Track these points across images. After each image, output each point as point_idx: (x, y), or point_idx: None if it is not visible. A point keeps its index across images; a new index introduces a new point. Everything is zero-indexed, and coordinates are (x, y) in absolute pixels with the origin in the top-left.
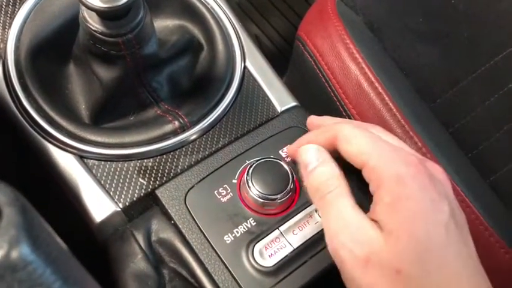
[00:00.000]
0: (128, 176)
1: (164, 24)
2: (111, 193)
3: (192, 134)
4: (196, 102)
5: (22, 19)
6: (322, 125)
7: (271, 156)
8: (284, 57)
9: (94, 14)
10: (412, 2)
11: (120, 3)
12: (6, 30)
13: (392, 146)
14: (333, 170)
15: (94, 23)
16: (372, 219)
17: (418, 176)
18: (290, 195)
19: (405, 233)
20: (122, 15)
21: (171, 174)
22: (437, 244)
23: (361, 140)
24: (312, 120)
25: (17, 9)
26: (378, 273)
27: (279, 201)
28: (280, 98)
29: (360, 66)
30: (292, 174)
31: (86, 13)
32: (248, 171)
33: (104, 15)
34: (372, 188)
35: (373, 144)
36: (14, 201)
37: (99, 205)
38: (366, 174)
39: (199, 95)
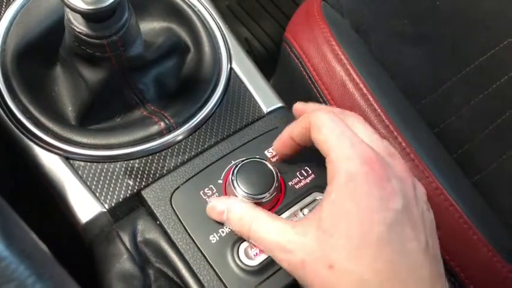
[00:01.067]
0: (114, 177)
1: (151, 26)
2: (97, 194)
3: (178, 135)
4: (182, 104)
5: (8, 22)
6: (305, 111)
7: (257, 157)
8: (274, 59)
9: (79, 16)
10: (397, 4)
11: (104, 5)
12: None
13: (357, 140)
14: (240, 209)
15: (79, 25)
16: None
17: (371, 174)
18: (275, 194)
19: (338, 231)
20: (106, 17)
21: (157, 175)
22: (373, 241)
23: (329, 130)
24: (297, 106)
25: (2, 12)
26: (314, 271)
27: (264, 200)
28: (266, 99)
29: (345, 67)
30: (276, 174)
31: (70, 15)
32: (233, 172)
33: (88, 17)
34: (327, 180)
35: (337, 136)
36: None
37: (85, 206)
38: (326, 165)
39: (186, 96)
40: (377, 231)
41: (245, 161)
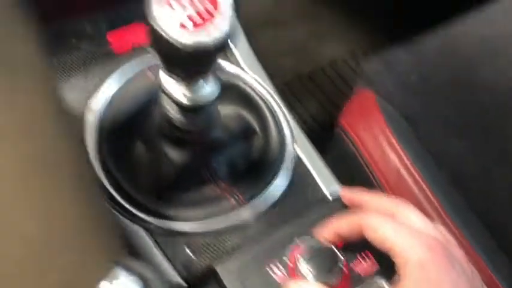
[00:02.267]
0: (187, 250)
1: (224, 111)
2: (175, 264)
3: (247, 211)
4: (251, 182)
5: (102, 104)
6: (353, 200)
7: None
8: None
9: (176, 106)
10: (445, 98)
11: (202, 103)
12: (87, 112)
13: (414, 230)
14: None
15: (175, 114)
16: None
17: (438, 259)
18: (341, 279)
19: None
20: (201, 112)
21: (227, 249)
22: None
23: (386, 229)
24: (345, 194)
25: (97, 95)
26: None
27: (331, 284)
28: (327, 181)
29: (400, 156)
30: (341, 258)
31: (167, 104)
32: (302, 255)
33: (186, 109)
34: (397, 271)
35: (396, 233)
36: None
37: (163, 274)
38: (392, 258)
39: (254, 175)
40: None
41: (313, 244)
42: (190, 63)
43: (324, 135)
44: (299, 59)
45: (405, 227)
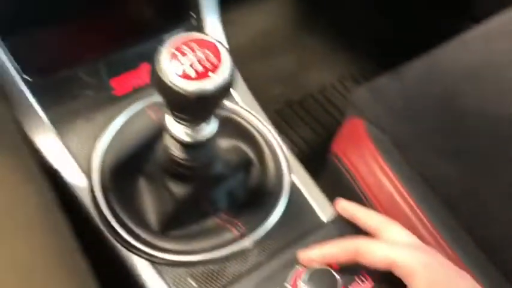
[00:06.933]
0: (193, 280)
1: (221, 144)
2: None
3: (248, 241)
4: (251, 212)
5: (106, 143)
6: (350, 210)
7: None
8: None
9: (178, 144)
10: (434, 122)
11: (204, 138)
12: (92, 152)
13: (406, 243)
14: None
15: (177, 151)
16: None
17: (439, 260)
18: None
19: None
20: (202, 147)
21: (231, 278)
22: None
23: (383, 249)
24: (344, 206)
25: (102, 135)
26: None
27: None
28: (323, 208)
29: (392, 181)
30: (339, 282)
31: (169, 143)
32: (304, 278)
33: (188, 146)
34: (407, 280)
35: (393, 249)
36: None
37: None
38: (397, 272)
39: (253, 205)
40: None
41: (313, 269)
42: (197, 109)
43: (317, 161)
44: (289, 87)
45: (396, 242)
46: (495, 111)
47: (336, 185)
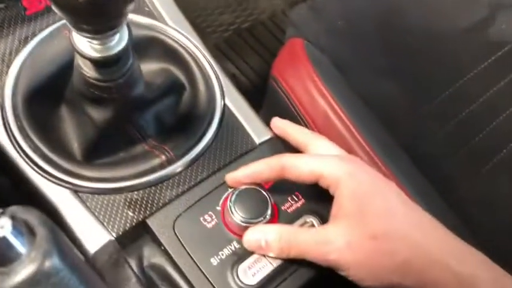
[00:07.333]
0: (120, 207)
1: (149, 67)
2: (105, 223)
3: (177, 166)
4: (181, 138)
5: (18, 67)
6: (281, 128)
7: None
8: (259, 92)
9: (88, 62)
10: (372, 42)
11: (112, 53)
12: (3, 77)
13: (333, 155)
14: (276, 229)
15: (89, 70)
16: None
17: (363, 168)
18: (270, 219)
19: (368, 208)
20: (113, 63)
21: (160, 204)
22: (398, 205)
23: (307, 163)
24: (277, 123)
25: (13, 58)
26: (361, 247)
27: (259, 225)
28: (258, 131)
29: (327, 100)
30: (270, 200)
31: (80, 61)
32: (230, 199)
33: (97, 63)
34: (332, 190)
35: (319, 161)
36: (45, 222)
37: (94, 235)
38: (323, 184)
39: (184, 131)
40: (396, 198)
41: (241, 189)
42: (91, 15)
43: (265, 88)
44: (238, 15)
45: (324, 154)
46: (437, 28)
47: (275, 108)
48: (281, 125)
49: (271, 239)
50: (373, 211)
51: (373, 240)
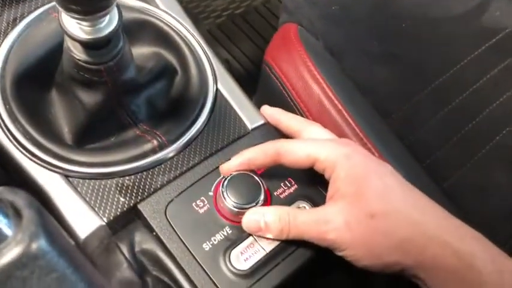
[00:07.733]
0: (111, 192)
1: (141, 51)
2: (96, 209)
3: (169, 152)
4: (173, 123)
5: (6, 49)
6: (274, 116)
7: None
8: (253, 78)
9: (78, 44)
10: (366, 27)
11: (102, 35)
12: None
13: (327, 140)
14: (274, 210)
15: (78, 53)
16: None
17: (358, 150)
18: (262, 204)
19: (366, 188)
20: (103, 46)
21: (152, 189)
22: (394, 185)
23: (302, 147)
24: (267, 111)
25: (1, 40)
26: (359, 226)
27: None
28: (250, 117)
29: (321, 86)
30: (263, 185)
31: (70, 44)
32: (223, 184)
33: (87, 45)
34: (328, 173)
35: (314, 146)
36: (31, 203)
37: (85, 220)
38: (319, 167)
39: (176, 115)
40: (390, 178)
41: (233, 174)
42: None
43: (258, 75)
44: (231, 1)
45: (318, 139)
46: (432, 14)
47: (269, 93)
48: (273, 113)
49: (271, 220)
50: (371, 191)
51: (371, 219)
